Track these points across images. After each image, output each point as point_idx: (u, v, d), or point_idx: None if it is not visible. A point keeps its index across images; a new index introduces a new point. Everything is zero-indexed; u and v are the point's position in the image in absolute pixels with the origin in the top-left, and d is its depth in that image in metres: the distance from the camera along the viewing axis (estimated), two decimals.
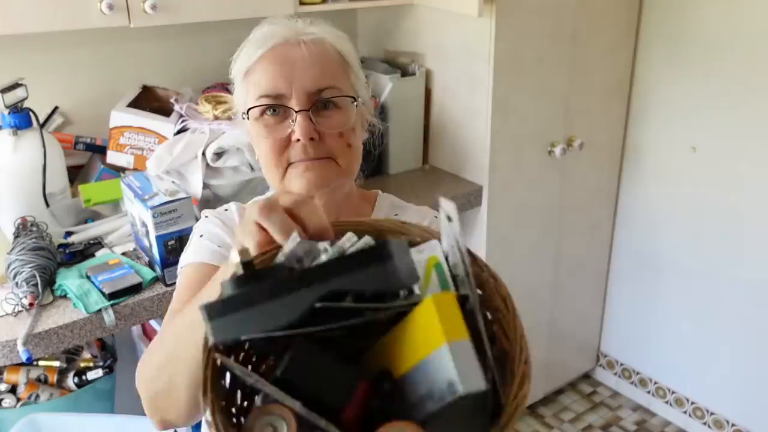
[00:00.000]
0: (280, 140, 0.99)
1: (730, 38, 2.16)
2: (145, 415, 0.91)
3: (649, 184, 2.52)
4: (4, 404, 1.67)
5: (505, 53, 2.00)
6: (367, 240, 0.66)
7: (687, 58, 2.29)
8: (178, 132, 1.71)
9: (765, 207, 2.18)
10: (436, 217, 1.13)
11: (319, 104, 0.99)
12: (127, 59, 1.98)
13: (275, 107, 0.99)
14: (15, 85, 1.59)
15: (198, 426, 1.83)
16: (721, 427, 2.48)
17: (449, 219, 0.66)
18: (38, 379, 1.73)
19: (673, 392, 2.63)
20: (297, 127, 0.97)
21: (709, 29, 2.20)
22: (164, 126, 1.73)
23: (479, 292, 0.68)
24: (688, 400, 2.57)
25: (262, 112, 1.00)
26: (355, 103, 1.02)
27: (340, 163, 1.01)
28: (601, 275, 2.74)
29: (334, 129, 0.99)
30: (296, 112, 0.97)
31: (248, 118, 1.01)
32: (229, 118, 1.67)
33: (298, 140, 0.97)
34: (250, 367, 0.70)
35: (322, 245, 0.66)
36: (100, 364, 1.78)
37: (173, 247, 1.49)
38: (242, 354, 0.69)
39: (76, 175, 1.87)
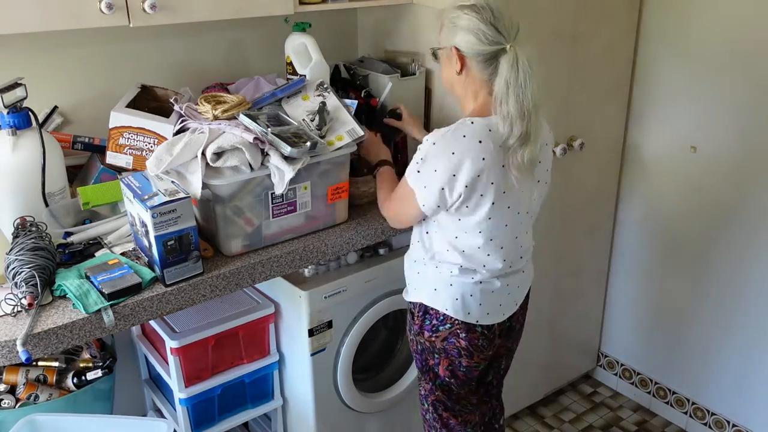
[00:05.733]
0: None
1: (730, 38, 2.15)
2: (144, 415, 0.91)
3: (649, 184, 2.52)
4: (3, 405, 1.66)
5: None
6: None
7: (687, 58, 2.29)
8: (178, 132, 1.70)
9: (765, 207, 2.18)
10: None
11: None
12: (126, 59, 1.98)
13: None
14: (14, 85, 1.58)
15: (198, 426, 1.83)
16: (721, 427, 2.48)
17: None
18: (37, 380, 1.73)
19: (673, 393, 2.62)
20: None
21: (710, 29, 2.20)
22: (163, 127, 1.72)
23: None
24: (688, 400, 2.57)
25: None
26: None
27: None
28: (601, 275, 2.74)
29: None
30: None
31: None
32: (229, 118, 1.67)
33: None
34: None
35: None
36: (100, 364, 1.78)
37: (173, 247, 1.49)
38: None
39: (75, 175, 1.87)
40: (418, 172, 1.50)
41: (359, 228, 1.84)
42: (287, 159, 1.62)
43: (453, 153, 1.45)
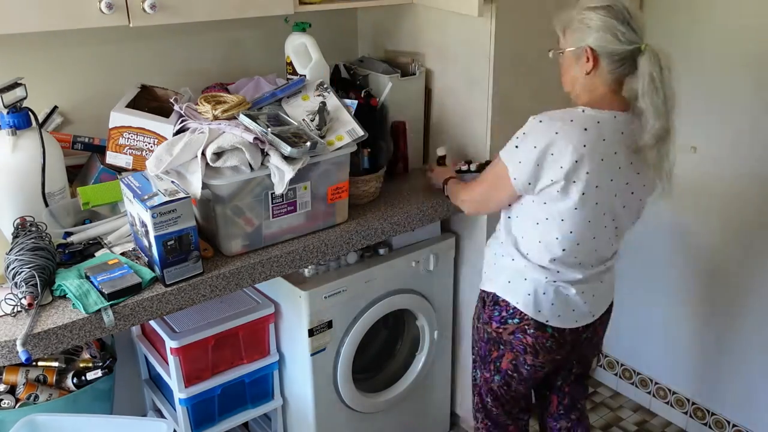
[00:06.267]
0: None
1: (729, 38, 2.15)
2: (144, 415, 0.91)
3: None
4: (3, 405, 1.66)
5: (505, 53, 1.99)
6: None
7: (687, 58, 2.29)
8: (178, 132, 1.70)
9: (764, 207, 2.18)
10: None
11: None
12: (126, 59, 1.98)
13: None
14: (14, 85, 1.58)
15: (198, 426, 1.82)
16: (721, 427, 2.48)
17: None
18: (37, 380, 1.73)
19: (673, 392, 2.62)
20: None
21: (709, 29, 2.20)
22: (163, 127, 1.72)
23: None
24: (689, 400, 2.57)
25: None
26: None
27: None
28: None
29: None
30: None
31: None
32: (229, 118, 1.67)
33: None
34: None
35: None
36: (99, 364, 1.78)
37: (173, 247, 1.49)
38: None
39: (75, 174, 1.87)
40: (516, 147, 1.53)
41: (359, 228, 1.84)
42: (287, 159, 1.62)
43: (557, 133, 1.47)
